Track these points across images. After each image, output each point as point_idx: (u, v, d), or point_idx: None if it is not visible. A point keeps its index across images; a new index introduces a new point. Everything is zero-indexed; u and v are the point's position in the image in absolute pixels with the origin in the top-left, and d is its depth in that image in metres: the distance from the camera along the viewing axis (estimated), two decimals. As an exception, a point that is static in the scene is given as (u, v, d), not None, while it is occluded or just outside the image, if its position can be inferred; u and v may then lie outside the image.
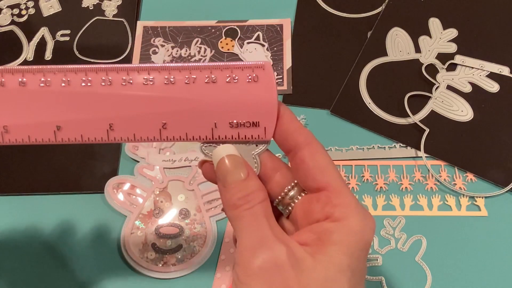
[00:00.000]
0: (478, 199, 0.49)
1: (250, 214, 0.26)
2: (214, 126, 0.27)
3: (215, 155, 0.28)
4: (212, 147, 0.29)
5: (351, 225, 0.25)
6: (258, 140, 0.28)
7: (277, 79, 0.57)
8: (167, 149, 0.53)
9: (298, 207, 0.28)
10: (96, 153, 0.54)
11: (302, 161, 0.27)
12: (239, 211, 0.26)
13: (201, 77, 0.27)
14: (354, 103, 0.55)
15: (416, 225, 0.48)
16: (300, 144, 0.27)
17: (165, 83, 0.27)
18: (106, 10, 0.64)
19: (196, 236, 0.49)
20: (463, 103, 0.54)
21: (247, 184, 0.26)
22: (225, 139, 0.28)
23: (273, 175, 0.28)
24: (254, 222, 0.25)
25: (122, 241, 0.49)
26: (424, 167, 0.51)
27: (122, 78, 0.27)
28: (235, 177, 0.26)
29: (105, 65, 0.27)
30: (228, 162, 0.27)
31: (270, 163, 0.28)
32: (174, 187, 0.51)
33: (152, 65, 0.27)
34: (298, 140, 0.27)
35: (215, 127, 0.28)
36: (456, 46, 0.57)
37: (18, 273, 0.48)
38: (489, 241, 0.47)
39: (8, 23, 0.64)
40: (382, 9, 0.61)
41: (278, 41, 0.60)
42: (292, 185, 0.28)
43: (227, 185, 0.27)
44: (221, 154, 0.27)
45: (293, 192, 0.28)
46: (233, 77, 0.27)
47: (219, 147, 0.28)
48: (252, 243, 0.25)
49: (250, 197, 0.26)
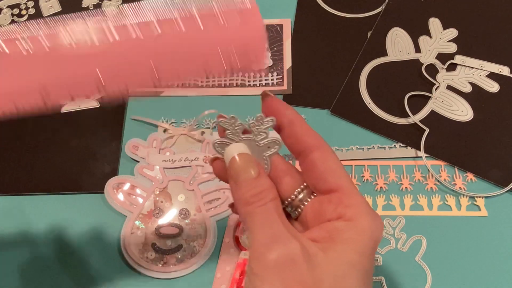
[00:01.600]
0: (478, 199, 0.49)
1: (263, 211, 0.26)
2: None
3: (227, 153, 0.28)
4: (225, 144, 0.29)
5: (362, 224, 0.26)
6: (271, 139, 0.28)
7: (277, 79, 0.57)
8: (167, 149, 0.53)
9: (308, 208, 0.29)
10: (96, 153, 0.54)
11: (313, 163, 0.28)
12: (252, 208, 0.26)
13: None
14: (354, 103, 0.55)
15: (416, 225, 0.48)
16: (311, 146, 0.28)
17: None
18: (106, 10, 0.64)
19: (196, 236, 0.49)
20: (463, 103, 0.54)
21: (258, 182, 0.27)
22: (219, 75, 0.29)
23: (283, 177, 0.29)
24: (268, 218, 0.26)
25: (122, 241, 0.49)
26: (424, 167, 0.51)
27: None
28: (247, 175, 0.27)
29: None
30: (240, 160, 0.28)
31: (280, 166, 0.29)
32: (174, 187, 0.51)
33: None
34: (309, 142, 0.28)
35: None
36: (456, 46, 0.57)
37: (18, 273, 0.48)
38: (489, 241, 0.47)
39: (8, 23, 0.64)
40: (382, 9, 0.61)
41: (278, 41, 0.60)
42: (302, 188, 0.29)
43: (239, 182, 0.27)
44: (233, 153, 0.28)
45: (303, 194, 0.29)
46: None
47: (232, 145, 0.29)
48: (266, 238, 0.26)
49: (262, 195, 0.27)
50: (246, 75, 0.58)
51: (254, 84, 0.57)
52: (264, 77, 0.57)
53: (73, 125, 0.56)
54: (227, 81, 0.58)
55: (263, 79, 0.57)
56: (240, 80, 0.58)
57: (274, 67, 0.58)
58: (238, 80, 0.58)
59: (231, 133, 0.29)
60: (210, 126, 0.55)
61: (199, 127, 0.55)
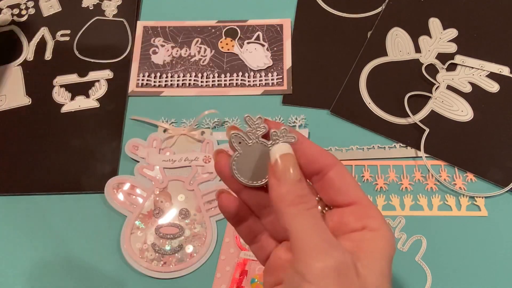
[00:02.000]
0: (478, 199, 0.49)
1: (311, 215, 0.26)
2: None
3: (276, 149, 0.28)
4: (240, 138, 0.29)
5: (386, 234, 0.27)
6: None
7: (277, 79, 0.57)
8: (167, 149, 0.53)
9: (326, 220, 0.29)
10: (96, 153, 0.54)
11: (332, 180, 0.29)
12: (298, 209, 0.26)
13: None
14: (354, 103, 0.55)
15: (416, 225, 0.48)
16: (328, 165, 0.29)
17: None
18: (106, 10, 0.64)
19: (196, 236, 0.49)
20: (463, 103, 0.54)
21: (303, 185, 0.27)
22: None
23: None
24: (318, 223, 0.26)
25: (122, 241, 0.49)
26: (424, 167, 0.51)
27: None
28: (293, 176, 0.27)
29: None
30: (289, 160, 0.28)
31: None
32: (174, 187, 0.51)
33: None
34: (325, 162, 0.29)
35: None
36: (456, 46, 0.57)
37: (18, 273, 0.48)
38: (489, 241, 0.47)
39: (8, 23, 0.64)
40: (382, 9, 0.61)
41: (278, 41, 0.60)
42: (317, 200, 0.30)
43: (284, 180, 0.27)
44: (284, 150, 0.28)
45: (320, 206, 0.30)
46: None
47: (281, 144, 0.28)
48: (319, 243, 0.25)
49: (306, 198, 0.27)
50: (246, 75, 0.58)
51: (254, 84, 0.57)
52: (264, 77, 0.57)
53: (73, 125, 0.56)
54: (227, 81, 0.58)
55: (263, 79, 0.57)
56: (240, 80, 0.58)
57: (274, 67, 0.58)
58: (238, 80, 0.58)
59: (251, 132, 0.29)
60: (210, 126, 0.55)
61: (199, 127, 0.55)
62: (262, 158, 0.29)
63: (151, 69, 0.59)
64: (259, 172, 0.30)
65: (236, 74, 0.58)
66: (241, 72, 0.58)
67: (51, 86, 0.58)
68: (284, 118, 0.55)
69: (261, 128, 0.29)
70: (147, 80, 0.58)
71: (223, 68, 0.58)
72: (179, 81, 0.58)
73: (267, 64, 0.58)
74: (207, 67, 0.59)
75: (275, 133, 0.29)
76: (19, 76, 0.59)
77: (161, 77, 0.58)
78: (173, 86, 0.58)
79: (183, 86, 0.58)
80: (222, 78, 0.58)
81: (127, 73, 0.59)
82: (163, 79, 0.58)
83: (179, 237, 0.49)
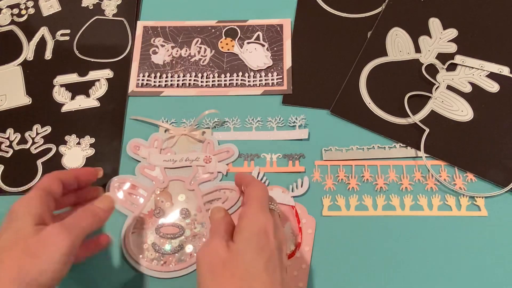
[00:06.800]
0: (478, 199, 0.49)
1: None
2: None
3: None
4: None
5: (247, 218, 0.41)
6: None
7: (277, 79, 0.57)
8: (168, 149, 0.53)
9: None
10: (97, 153, 0.54)
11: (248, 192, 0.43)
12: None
13: None
14: (354, 103, 0.55)
15: (416, 225, 0.48)
16: (246, 183, 0.44)
17: None
18: (106, 9, 0.64)
19: (196, 236, 0.49)
20: (463, 103, 0.54)
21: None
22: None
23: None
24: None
25: (123, 240, 0.49)
26: (424, 167, 0.51)
27: None
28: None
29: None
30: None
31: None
32: (174, 187, 0.51)
33: None
34: (246, 181, 0.45)
35: None
36: (456, 46, 0.57)
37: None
38: (489, 241, 0.47)
39: (8, 23, 0.64)
40: (382, 9, 0.61)
41: (278, 41, 0.60)
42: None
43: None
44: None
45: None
46: None
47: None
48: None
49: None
50: (246, 75, 0.58)
51: (254, 84, 0.57)
52: (264, 77, 0.58)
53: (73, 125, 0.56)
54: (227, 81, 0.58)
55: (263, 79, 0.57)
56: (240, 80, 0.58)
57: (274, 67, 0.58)
58: (238, 80, 0.58)
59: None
60: (210, 126, 0.55)
61: (199, 127, 0.55)
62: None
63: (151, 69, 0.59)
64: None
65: (236, 74, 0.58)
66: (241, 72, 0.58)
67: (51, 86, 0.58)
68: (284, 118, 0.55)
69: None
70: (147, 80, 0.58)
71: (223, 68, 0.58)
72: (179, 81, 0.58)
73: (267, 64, 0.58)
74: (207, 67, 0.59)
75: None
76: (19, 76, 0.59)
77: (161, 77, 0.58)
78: (173, 86, 0.58)
79: (183, 86, 0.58)
80: (222, 78, 0.58)
81: (127, 72, 0.59)
82: (163, 79, 0.58)
83: (180, 237, 0.49)
